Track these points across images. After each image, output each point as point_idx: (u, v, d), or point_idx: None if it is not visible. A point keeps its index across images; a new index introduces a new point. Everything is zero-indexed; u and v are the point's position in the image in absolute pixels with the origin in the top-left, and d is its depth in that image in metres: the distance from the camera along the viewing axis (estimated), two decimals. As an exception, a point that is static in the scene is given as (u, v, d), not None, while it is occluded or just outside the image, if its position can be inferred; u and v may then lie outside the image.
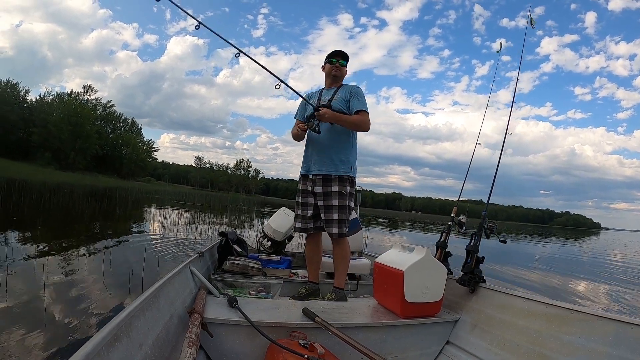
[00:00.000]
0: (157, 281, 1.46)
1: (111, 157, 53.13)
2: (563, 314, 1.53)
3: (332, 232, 2.27)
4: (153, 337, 1.17)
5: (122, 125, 59.29)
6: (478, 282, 2.00)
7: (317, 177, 2.31)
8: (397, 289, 1.76)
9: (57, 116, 43.53)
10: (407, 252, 1.93)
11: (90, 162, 46.79)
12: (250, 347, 1.47)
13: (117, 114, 58.20)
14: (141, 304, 1.17)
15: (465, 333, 1.84)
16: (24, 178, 15.22)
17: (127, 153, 55.78)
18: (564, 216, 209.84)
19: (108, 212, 10.66)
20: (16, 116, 41.20)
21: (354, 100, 2.30)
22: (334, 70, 2.41)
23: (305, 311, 1.61)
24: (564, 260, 11.24)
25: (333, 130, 2.31)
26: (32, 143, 41.65)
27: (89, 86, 55.05)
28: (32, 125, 41.84)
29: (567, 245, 20.30)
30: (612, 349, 1.30)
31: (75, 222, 7.92)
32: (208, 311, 1.53)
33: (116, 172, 51.71)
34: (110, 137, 55.29)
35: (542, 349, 1.48)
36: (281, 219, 3.40)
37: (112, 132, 56.91)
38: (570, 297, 5.20)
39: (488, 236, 2.15)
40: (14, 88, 43.71)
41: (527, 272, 6.90)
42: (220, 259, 2.63)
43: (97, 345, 0.85)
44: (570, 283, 6.36)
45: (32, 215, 7.72)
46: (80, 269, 3.74)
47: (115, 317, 1.02)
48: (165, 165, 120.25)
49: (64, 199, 11.95)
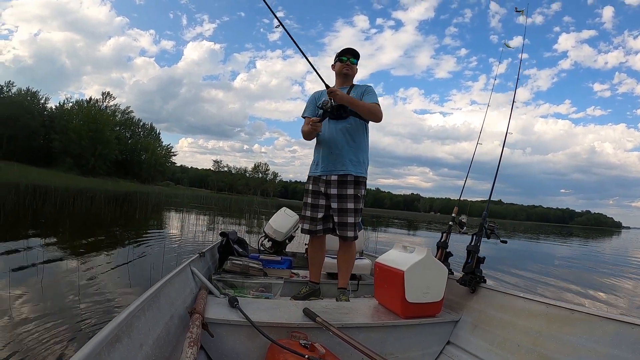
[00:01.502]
0: (157, 281, 1.47)
1: (131, 162, 54.19)
2: (564, 314, 1.53)
3: (347, 235, 2.23)
4: (154, 337, 1.17)
5: (141, 130, 60.69)
6: (479, 282, 1.99)
7: (332, 179, 2.25)
8: (398, 289, 1.76)
9: (77, 123, 44.76)
10: (407, 252, 1.93)
11: (110, 167, 47.70)
12: (250, 347, 1.48)
13: (135, 120, 59.80)
14: (142, 304, 1.18)
15: (466, 333, 1.83)
16: (47, 184, 15.67)
17: (146, 158, 56.77)
18: (585, 215, 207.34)
19: (129, 215, 11.01)
20: (37, 123, 42.73)
21: (367, 96, 2.27)
22: (345, 69, 2.36)
23: (306, 311, 1.61)
24: (584, 260, 10.99)
25: (348, 130, 2.26)
26: (53, 149, 42.95)
27: (107, 93, 57.23)
28: (52, 132, 43.32)
29: (587, 245, 19.55)
30: (613, 349, 1.30)
31: (97, 224, 8.25)
32: (209, 311, 1.53)
33: (136, 176, 52.66)
34: (130, 142, 56.41)
35: (543, 349, 1.48)
36: (282, 219, 3.40)
37: (131, 137, 58.13)
38: (591, 299, 5.03)
39: (489, 236, 2.14)
40: (34, 96, 45.16)
41: (545, 277, 6.55)
42: (221, 259, 2.64)
43: (97, 345, 0.85)
44: (591, 286, 6.12)
45: (57, 218, 8.08)
46: (104, 268, 3.96)
47: (115, 317, 1.02)
48: (184, 170, 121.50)
49: (86, 203, 12.38)
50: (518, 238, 19.78)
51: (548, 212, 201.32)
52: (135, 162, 55.18)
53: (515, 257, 9.16)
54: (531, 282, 5.75)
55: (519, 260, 8.56)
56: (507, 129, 2.46)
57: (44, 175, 25.13)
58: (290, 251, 3.54)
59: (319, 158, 2.35)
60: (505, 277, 5.85)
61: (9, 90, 43.68)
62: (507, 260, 8.04)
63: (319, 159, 2.34)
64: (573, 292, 5.40)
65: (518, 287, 4.96)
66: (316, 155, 2.39)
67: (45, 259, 3.93)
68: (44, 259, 3.91)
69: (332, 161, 2.27)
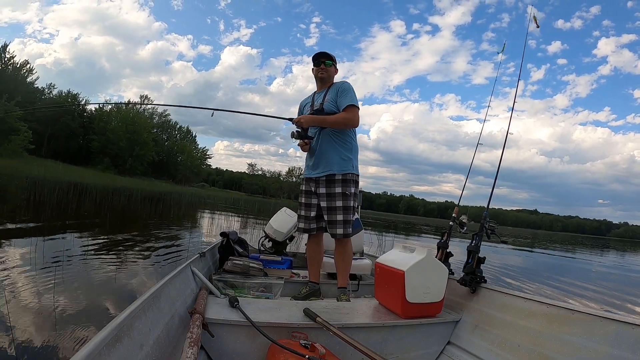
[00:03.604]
0: (158, 281, 1.47)
1: (167, 163, 55.49)
2: (564, 314, 1.53)
3: (335, 232, 2.27)
4: (154, 337, 1.17)
5: (177, 133, 61.89)
6: (479, 283, 1.99)
7: (321, 178, 2.31)
8: (398, 289, 1.76)
9: (116, 125, 46.45)
10: (408, 252, 1.93)
11: (146, 167, 48.87)
12: (251, 347, 1.48)
13: (172, 122, 60.83)
14: (142, 304, 1.18)
15: (466, 333, 1.83)
16: (86, 182, 16.44)
17: (182, 160, 57.95)
18: (622, 227, 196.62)
19: (163, 213, 11.82)
20: (77, 124, 45.17)
21: (341, 97, 2.29)
22: (320, 73, 2.41)
23: (306, 311, 1.61)
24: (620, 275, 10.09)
25: (333, 131, 2.31)
26: (92, 150, 44.93)
27: (145, 96, 60.11)
28: (91, 133, 45.50)
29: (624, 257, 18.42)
30: (613, 349, 1.29)
31: (133, 220, 9.05)
32: (209, 311, 1.53)
33: (171, 177, 53.59)
34: (166, 144, 57.90)
35: (543, 349, 1.48)
36: (282, 219, 3.40)
37: (168, 139, 59.65)
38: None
39: (489, 236, 2.15)
40: (74, 98, 46.79)
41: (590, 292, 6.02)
42: (221, 259, 2.64)
43: (98, 345, 0.85)
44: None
45: (97, 213, 8.83)
46: (140, 258, 4.38)
47: (116, 317, 1.02)
48: (219, 172, 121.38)
49: (123, 200, 13.06)
50: (553, 249, 18.93)
51: (584, 223, 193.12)
52: (172, 163, 56.57)
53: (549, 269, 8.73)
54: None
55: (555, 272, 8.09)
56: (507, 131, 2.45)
57: (83, 173, 26.06)
58: (290, 251, 3.54)
59: (309, 160, 2.43)
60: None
61: (50, 92, 45.73)
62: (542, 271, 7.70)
63: (309, 160, 2.42)
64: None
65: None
66: (307, 157, 2.46)
67: (84, 249, 4.39)
68: (83, 248, 4.39)
69: (319, 162, 2.33)
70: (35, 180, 12.15)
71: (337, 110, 2.28)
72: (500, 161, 2.41)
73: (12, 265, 3.27)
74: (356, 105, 2.28)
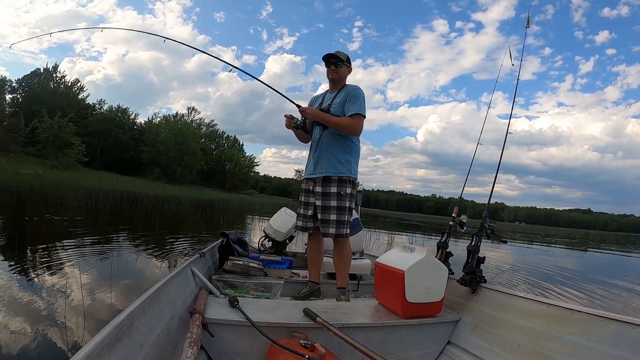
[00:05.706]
0: (157, 281, 1.47)
1: (215, 172, 56.60)
2: (564, 314, 1.53)
3: (327, 232, 2.28)
4: (154, 337, 1.17)
5: (225, 142, 63.16)
6: (479, 282, 1.99)
7: (318, 178, 2.33)
8: (398, 289, 1.76)
9: (165, 136, 48.00)
10: (408, 252, 1.93)
11: (195, 176, 50.01)
12: (251, 347, 1.48)
13: (220, 132, 62.42)
14: (142, 304, 1.18)
15: (466, 333, 1.83)
16: (137, 191, 17.31)
17: (230, 168, 58.87)
18: None
19: (212, 219, 12.54)
20: (128, 137, 47.01)
21: (349, 103, 2.30)
22: (330, 74, 2.43)
23: (306, 311, 1.61)
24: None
25: (333, 132, 2.32)
26: (142, 161, 46.62)
27: (192, 108, 62.56)
28: (142, 144, 47.36)
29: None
30: (613, 349, 1.29)
31: (183, 226, 9.65)
32: (209, 311, 1.53)
33: (220, 185, 54.44)
34: (214, 153, 58.99)
35: (543, 349, 1.48)
36: (282, 219, 3.40)
37: (216, 148, 60.86)
38: None
39: (489, 236, 2.15)
40: (125, 112, 49.48)
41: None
42: (221, 259, 2.64)
43: (97, 346, 0.85)
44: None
45: (148, 220, 9.57)
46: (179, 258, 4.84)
47: (116, 317, 1.02)
48: (267, 179, 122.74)
49: (173, 207, 13.91)
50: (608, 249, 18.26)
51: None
52: (220, 171, 57.66)
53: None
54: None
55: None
56: (508, 128, 2.46)
57: (135, 182, 27.31)
58: (290, 251, 3.54)
59: (309, 159, 2.45)
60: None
61: (100, 107, 48.23)
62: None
63: (309, 160, 2.44)
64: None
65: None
66: (308, 157, 2.48)
67: (138, 249, 5.13)
68: (137, 249, 5.14)
69: (318, 162, 2.35)
70: (90, 190, 13.00)
71: (342, 115, 2.30)
72: (500, 161, 2.41)
73: (69, 260, 3.79)
74: (363, 114, 2.28)
